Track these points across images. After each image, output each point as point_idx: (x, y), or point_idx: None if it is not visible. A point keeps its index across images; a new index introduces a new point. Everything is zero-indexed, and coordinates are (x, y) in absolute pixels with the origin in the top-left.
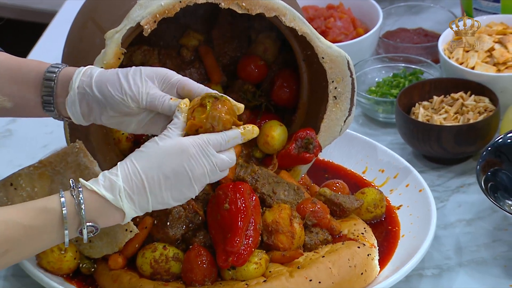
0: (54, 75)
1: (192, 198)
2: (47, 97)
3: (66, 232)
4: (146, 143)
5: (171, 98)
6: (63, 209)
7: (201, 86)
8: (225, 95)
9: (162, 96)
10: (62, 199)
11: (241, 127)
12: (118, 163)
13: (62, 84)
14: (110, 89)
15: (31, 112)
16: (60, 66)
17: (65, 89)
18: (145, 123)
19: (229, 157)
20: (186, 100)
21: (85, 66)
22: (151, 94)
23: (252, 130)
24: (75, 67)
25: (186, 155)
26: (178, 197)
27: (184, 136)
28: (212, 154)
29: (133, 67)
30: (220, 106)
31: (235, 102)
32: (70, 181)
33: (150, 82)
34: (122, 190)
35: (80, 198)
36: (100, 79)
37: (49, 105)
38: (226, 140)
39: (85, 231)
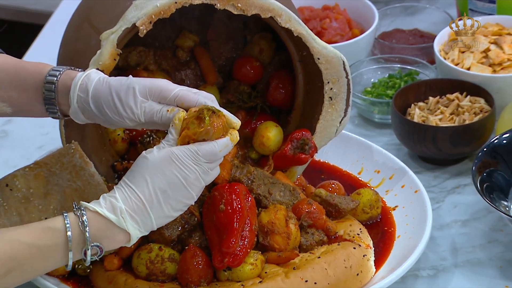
0: (53, 86)
1: None
2: (50, 106)
3: (70, 253)
4: (136, 161)
5: (167, 110)
6: (67, 228)
7: (199, 98)
8: (221, 110)
9: (159, 111)
10: (66, 219)
11: (228, 132)
12: (115, 187)
13: (62, 94)
14: (107, 110)
15: (35, 114)
16: (57, 74)
17: (66, 97)
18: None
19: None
20: (182, 113)
21: (79, 67)
22: (147, 112)
23: (234, 135)
24: (71, 74)
25: (175, 163)
26: (178, 206)
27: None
28: (202, 161)
29: (126, 83)
30: (216, 121)
31: (232, 117)
32: (73, 204)
33: (145, 101)
34: (124, 211)
35: (84, 218)
36: (96, 98)
37: (53, 113)
38: (219, 149)
39: (89, 252)
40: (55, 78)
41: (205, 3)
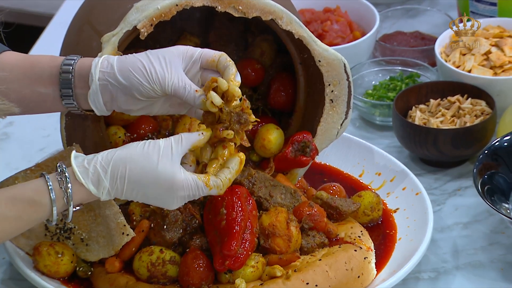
0: (71, 68)
1: (189, 202)
2: (66, 89)
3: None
4: None
5: (196, 90)
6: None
7: (221, 56)
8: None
9: (188, 87)
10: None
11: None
12: None
13: (80, 77)
14: (137, 76)
15: (48, 109)
16: (74, 58)
17: (84, 80)
18: (169, 104)
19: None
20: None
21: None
22: (176, 83)
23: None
24: (89, 58)
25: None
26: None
27: None
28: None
29: (155, 51)
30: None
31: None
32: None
33: (174, 67)
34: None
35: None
36: (123, 67)
37: (69, 99)
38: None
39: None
40: (73, 61)
41: (207, 6)
